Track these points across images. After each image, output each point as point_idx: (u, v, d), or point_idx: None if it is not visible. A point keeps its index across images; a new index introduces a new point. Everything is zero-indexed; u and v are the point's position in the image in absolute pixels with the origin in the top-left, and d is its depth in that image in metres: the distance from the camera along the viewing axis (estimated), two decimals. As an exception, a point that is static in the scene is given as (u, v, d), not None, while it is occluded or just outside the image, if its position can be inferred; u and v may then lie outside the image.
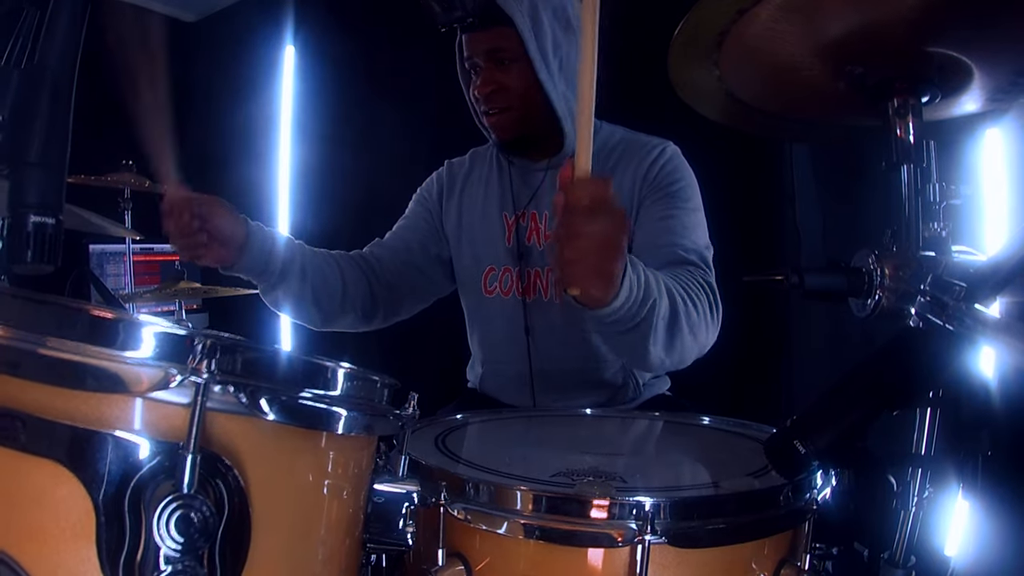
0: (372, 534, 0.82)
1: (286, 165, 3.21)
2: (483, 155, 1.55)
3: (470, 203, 1.50)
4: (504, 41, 1.30)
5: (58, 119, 0.64)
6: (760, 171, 2.13)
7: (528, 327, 1.41)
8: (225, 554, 0.60)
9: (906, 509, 0.83)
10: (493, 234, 1.46)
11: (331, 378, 0.69)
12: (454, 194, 1.53)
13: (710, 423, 1.21)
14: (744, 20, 0.80)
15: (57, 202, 0.64)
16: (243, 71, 3.24)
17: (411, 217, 1.56)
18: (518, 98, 1.33)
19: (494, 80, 1.33)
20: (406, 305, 1.53)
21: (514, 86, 1.32)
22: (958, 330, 0.67)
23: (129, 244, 2.79)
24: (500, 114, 1.35)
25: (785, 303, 2.13)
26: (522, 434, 1.21)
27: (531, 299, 1.41)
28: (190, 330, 0.60)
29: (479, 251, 1.47)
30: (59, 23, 0.65)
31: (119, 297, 2.37)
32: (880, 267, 0.80)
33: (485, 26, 1.30)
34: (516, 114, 1.35)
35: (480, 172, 1.52)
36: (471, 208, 1.50)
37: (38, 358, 0.57)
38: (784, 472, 0.79)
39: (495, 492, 0.79)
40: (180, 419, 0.58)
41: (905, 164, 0.84)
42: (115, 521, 0.57)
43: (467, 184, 1.53)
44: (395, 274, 1.48)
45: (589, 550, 0.75)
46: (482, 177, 1.51)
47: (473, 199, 1.50)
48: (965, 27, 0.77)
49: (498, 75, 1.32)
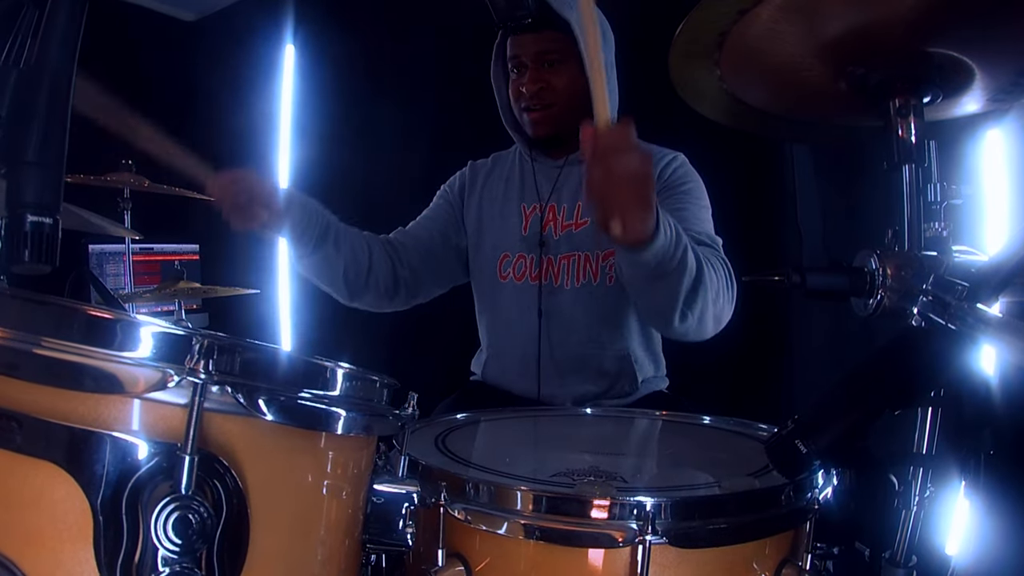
0: (372, 534, 0.81)
1: (286, 165, 3.20)
2: (504, 157, 1.67)
3: (490, 196, 1.61)
4: (553, 44, 1.42)
5: (56, 118, 0.64)
6: (761, 171, 2.13)
7: (541, 311, 1.50)
8: (223, 555, 0.60)
9: (907, 508, 0.83)
10: (510, 223, 1.56)
11: (330, 378, 0.69)
12: (475, 189, 1.64)
13: (711, 423, 1.20)
14: (745, 20, 0.80)
15: (55, 202, 0.64)
16: (243, 70, 3.24)
17: (434, 209, 1.66)
18: (561, 98, 1.45)
19: (542, 79, 1.44)
20: (424, 289, 1.62)
21: (559, 87, 1.44)
22: (960, 329, 0.67)
23: (128, 244, 2.79)
24: (543, 111, 1.46)
25: (786, 303, 2.12)
26: (522, 434, 1.21)
27: (545, 283, 1.50)
28: (188, 330, 0.60)
29: (496, 239, 1.57)
30: (57, 22, 0.65)
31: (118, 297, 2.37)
32: (882, 267, 0.80)
33: (538, 28, 1.41)
34: (556, 112, 1.46)
35: (501, 170, 1.64)
36: (491, 200, 1.61)
37: (35, 359, 0.57)
38: (785, 472, 0.79)
39: (495, 492, 0.79)
40: (178, 420, 0.58)
41: (906, 164, 0.84)
42: (113, 522, 0.56)
43: (488, 181, 1.64)
44: (416, 259, 1.57)
45: (590, 550, 0.75)
46: (503, 174, 1.63)
47: (493, 193, 1.61)
48: (966, 27, 0.77)
49: (546, 75, 1.44)
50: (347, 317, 1.61)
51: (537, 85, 1.44)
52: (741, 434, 1.14)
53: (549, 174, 1.56)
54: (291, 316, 3.18)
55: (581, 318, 1.48)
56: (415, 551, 0.83)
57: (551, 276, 1.50)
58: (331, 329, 2.72)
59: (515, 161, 1.63)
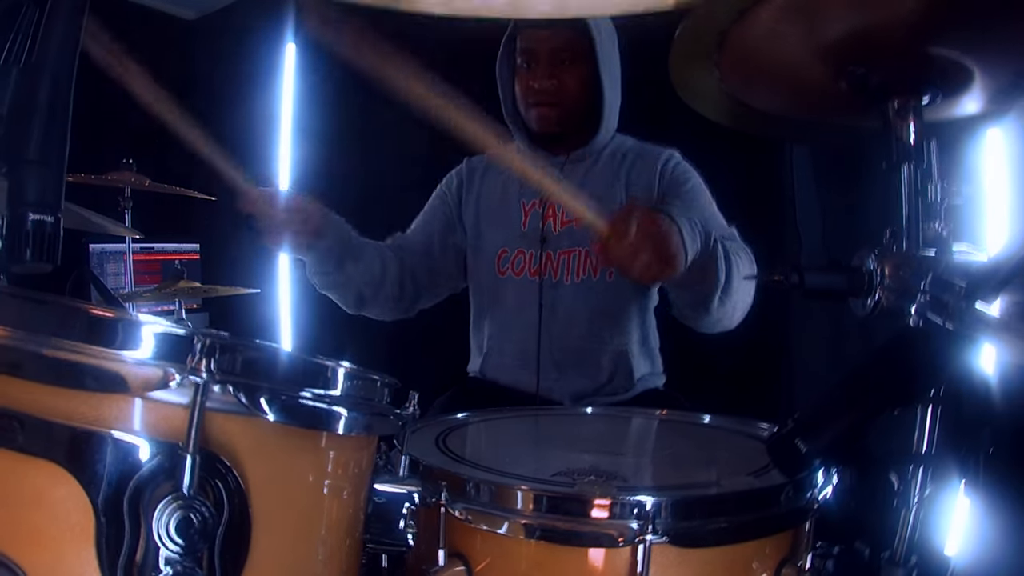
0: (372, 534, 0.81)
1: (286, 164, 3.20)
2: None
3: (489, 192, 1.62)
4: (568, 43, 1.44)
5: (57, 117, 0.64)
6: (760, 171, 2.13)
7: (542, 305, 1.51)
8: (225, 555, 0.60)
9: (907, 508, 0.83)
10: (510, 219, 1.56)
11: (331, 378, 0.69)
12: (473, 186, 1.64)
13: (711, 422, 1.20)
14: (745, 21, 0.79)
15: (56, 200, 0.64)
16: (243, 69, 3.23)
17: (430, 211, 1.66)
18: (571, 97, 1.48)
19: (555, 76, 1.46)
20: (424, 297, 1.63)
21: (570, 85, 1.47)
22: (958, 329, 0.67)
23: (129, 243, 2.79)
24: (551, 107, 1.48)
25: (785, 302, 2.12)
26: (523, 433, 1.21)
27: (545, 279, 1.52)
28: (189, 329, 0.60)
29: (495, 235, 1.58)
30: (58, 20, 0.65)
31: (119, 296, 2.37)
32: (880, 266, 0.80)
33: (553, 25, 1.43)
34: (563, 110, 1.49)
35: (498, 167, 1.63)
36: (490, 196, 1.61)
37: (37, 358, 0.57)
38: (785, 471, 0.79)
39: (496, 492, 0.79)
40: (179, 419, 0.58)
41: (906, 164, 0.84)
42: (114, 522, 0.56)
43: (486, 176, 1.64)
44: (418, 264, 1.58)
45: (590, 550, 0.75)
46: (500, 170, 1.62)
47: (492, 188, 1.62)
48: (966, 28, 0.77)
49: (559, 72, 1.46)
50: (348, 317, 1.61)
51: (551, 81, 1.45)
52: (741, 433, 1.14)
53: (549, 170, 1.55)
54: (292, 315, 3.18)
55: (581, 313, 1.50)
56: (416, 551, 0.83)
57: (550, 271, 1.51)
58: (332, 328, 2.72)
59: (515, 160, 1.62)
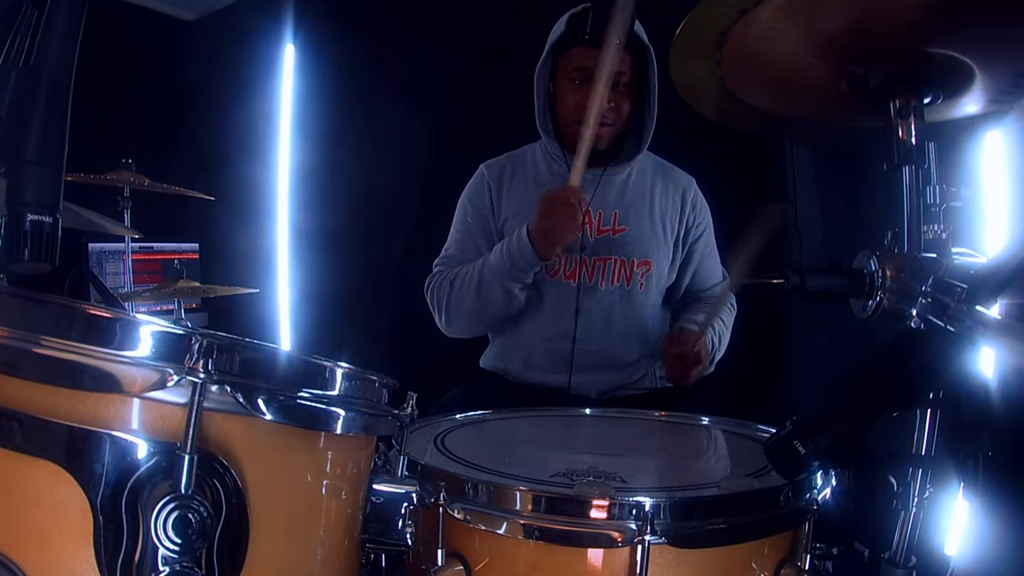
0: (371, 534, 0.81)
1: (286, 165, 3.20)
2: (522, 157, 1.74)
3: (521, 198, 1.67)
4: (625, 67, 1.54)
5: (56, 117, 0.64)
6: (760, 172, 2.13)
7: (578, 308, 1.60)
8: (223, 555, 0.60)
9: (906, 509, 0.83)
10: None
11: (329, 378, 0.69)
12: (503, 190, 1.70)
13: (710, 423, 1.20)
14: (746, 20, 0.79)
15: (54, 200, 0.64)
16: (243, 70, 3.23)
17: (467, 222, 1.71)
18: (623, 119, 1.60)
19: (613, 98, 1.54)
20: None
21: (624, 110, 1.59)
22: (959, 331, 0.67)
23: (128, 243, 2.78)
24: (606, 127, 1.57)
25: (786, 304, 2.13)
26: (522, 434, 1.21)
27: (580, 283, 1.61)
28: (187, 329, 0.60)
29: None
30: (57, 21, 0.65)
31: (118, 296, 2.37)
32: (881, 268, 0.80)
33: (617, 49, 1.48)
34: (615, 130, 1.60)
35: (524, 172, 1.71)
36: (524, 200, 1.66)
37: (35, 357, 0.57)
38: (784, 472, 0.79)
39: (494, 492, 0.79)
40: (177, 419, 0.58)
41: (906, 165, 0.84)
42: (112, 522, 0.56)
43: (514, 181, 1.71)
44: None
45: (589, 550, 0.75)
46: (527, 175, 1.70)
47: (524, 195, 1.67)
48: (966, 28, 0.77)
49: (615, 95, 1.55)
50: (346, 317, 1.62)
51: (609, 104, 1.51)
52: (740, 434, 1.14)
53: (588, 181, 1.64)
54: (290, 316, 3.18)
55: (614, 317, 1.62)
56: (414, 551, 0.83)
57: (585, 276, 1.61)
58: (330, 329, 2.73)
59: (541, 164, 1.68)
